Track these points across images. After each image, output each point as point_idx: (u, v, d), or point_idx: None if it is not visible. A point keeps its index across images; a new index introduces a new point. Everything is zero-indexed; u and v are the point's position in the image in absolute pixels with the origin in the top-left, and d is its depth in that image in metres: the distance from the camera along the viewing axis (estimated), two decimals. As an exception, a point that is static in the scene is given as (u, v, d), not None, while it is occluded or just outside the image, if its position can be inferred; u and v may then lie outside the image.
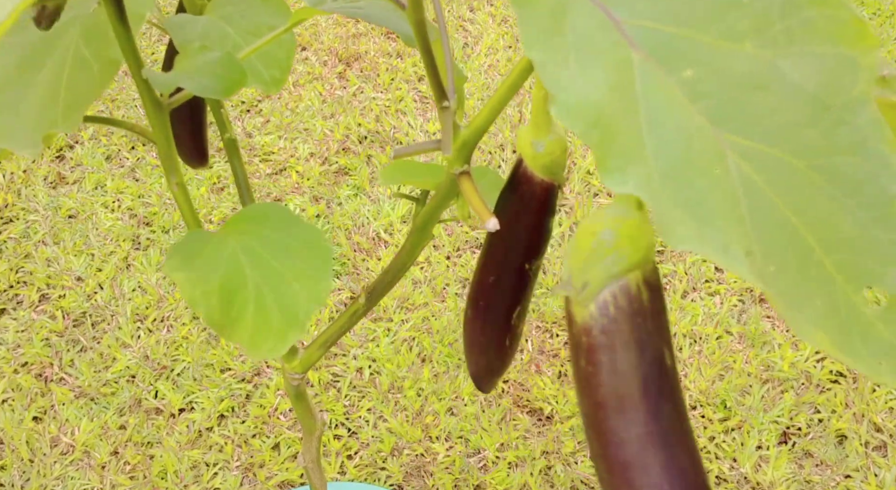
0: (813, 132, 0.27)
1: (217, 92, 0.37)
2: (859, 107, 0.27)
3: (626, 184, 0.26)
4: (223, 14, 0.57)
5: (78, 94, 0.42)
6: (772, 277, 0.26)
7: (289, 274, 0.37)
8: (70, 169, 1.76)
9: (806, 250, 0.27)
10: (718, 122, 0.27)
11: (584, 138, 0.26)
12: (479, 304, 0.45)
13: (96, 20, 0.48)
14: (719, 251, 0.25)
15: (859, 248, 0.27)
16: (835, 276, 0.27)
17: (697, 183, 0.26)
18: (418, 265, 1.56)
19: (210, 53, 0.38)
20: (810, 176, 0.27)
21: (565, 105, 0.26)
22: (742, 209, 0.26)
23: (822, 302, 0.27)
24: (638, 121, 0.26)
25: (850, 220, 0.27)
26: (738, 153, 0.27)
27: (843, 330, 0.27)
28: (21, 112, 0.44)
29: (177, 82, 0.37)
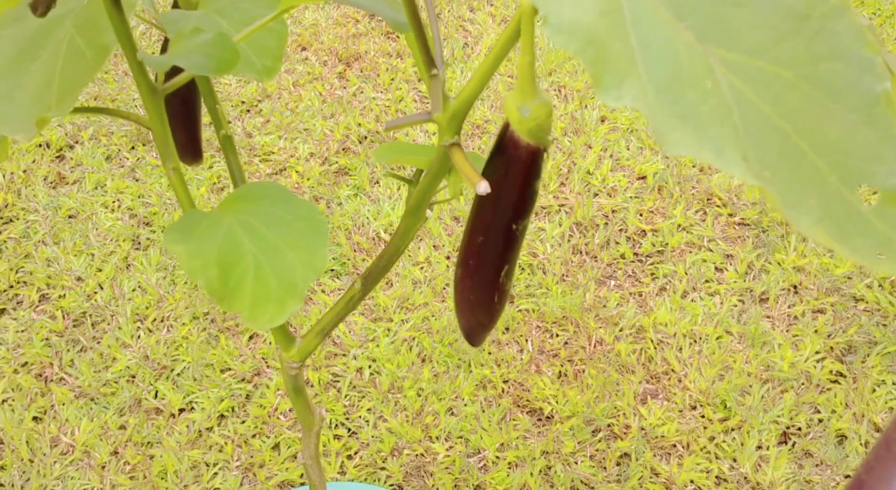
0: (795, 42, 0.28)
1: (210, 70, 0.37)
2: (838, 14, 0.28)
3: (622, 98, 0.27)
4: (216, 7, 0.57)
5: (71, 80, 0.43)
6: (769, 180, 0.27)
7: (285, 245, 0.38)
8: (70, 169, 1.76)
9: (799, 154, 0.28)
10: (704, 38, 0.28)
11: (579, 55, 0.27)
12: (469, 263, 0.46)
13: (90, 10, 0.48)
14: (715, 155, 0.27)
15: (849, 149, 0.28)
16: (829, 177, 0.28)
17: (689, 95, 0.27)
18: (418, 265, 1.56)
19: (203, 34, 0.39)
20: (797, 84, 0.28)
21: (557, 25, 0.27)
22: (735, 118, 0.28)
23: (819, 202, 0.28)
24: (629, 42, 0.28)
25: (839, 123, 0.28)
26: (726, 66, 0.28)
27: (839, 226, 0.28)
28: (17, 99, 0.44)
29: (171, 61, 0.37)
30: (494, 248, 0.45)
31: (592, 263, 1.58)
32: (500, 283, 0.47)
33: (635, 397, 1.38)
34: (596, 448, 1.33)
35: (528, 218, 0.43)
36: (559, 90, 1.93)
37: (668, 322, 1.47)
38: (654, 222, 1.64)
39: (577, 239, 1.61)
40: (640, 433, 1.34)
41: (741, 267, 1.56)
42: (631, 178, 1.73)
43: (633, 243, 1.61)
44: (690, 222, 1.64)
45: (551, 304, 1.49)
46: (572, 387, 1.39)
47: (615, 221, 1.64)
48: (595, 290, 1.53)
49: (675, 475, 1.29)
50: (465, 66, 1.99)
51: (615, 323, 1.48)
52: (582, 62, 0.27)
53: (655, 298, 1.52)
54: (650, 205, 1.67)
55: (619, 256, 1.59)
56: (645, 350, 1.44)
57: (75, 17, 0.49)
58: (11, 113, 0.45)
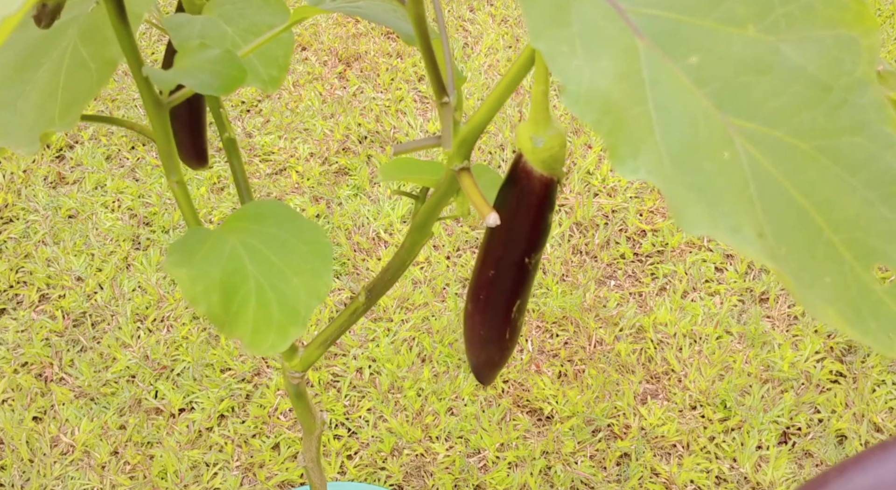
0: (816, 114, 0.27)
1: (216, 89, 0.37)
2: (862, 88, 0.27)
3: (637, 171, 0.26)
4: (221, 13, 0.57)
5: (75, 93, 0.42)
6: (783, 258, 0.26)
7: (289, 270, 0.37)
8: (70, 169, 1.76)
9: (815, 230, 0.27)
10: (724, 106, 0.27)
11: (595, 126, 0.26)
12: (480, 297, 0.45)
13: (94, 20, 0.48)
14: (731, 233, 0.26)
15: (866, 226, 0.27)
16: (844, 255, 0.27)
17: (706, 166, 0.27)
18: (418, 265, 1.56)
19: (209, 51, 0.38)
20: (815, 157, 0.27)
21: (575, 95, 0.27)
22: (751, 191, 0.27)
23: (833, 280, 0.27)
24: (647, 107, 0.27)
25: (857, 200, 0.27)
26: (744, 136, 0.27)
27: (853, 306, 0.27)
28: (19, 110, 0.44)
29: (177, 79, 0.37)
30: (506, 283, 0.44)
31: (592, 263, 1.58)
32: (511, 319, 0.46)
33: (635, 397, 1.38)
34: (596, 448, 1.33)
35: (542, 251, 0.43)
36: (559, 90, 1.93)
37: (668, 322, 1.47)
38: (654, 222, 1.64)
39: (577, 239, 1.61)
40: (640, 433, 1.34)
41: (741, 267, 1.56)
42: (631, 177, 1.73)
43: (633, 243, 1.61)
44: (690, 222, 1.64)
45: (551, 304, 1.49)
46: (572, 387, 1.39)
47: (615, 221, 1.64)
48: (595, 290, 1.53)
49: (675, 475, 1.29)
50: (465, 66, 1.98)
51: (615, 323, 1.48)
52: (598, 133, 0.26)
53: (655, 298, 1.52)
54: (650, 205, 1.67)
55: (619, 256, 1.59)
56: (645, 350, 1.44)
57: (79, 26, 0.49)
58: (14, 125, 0.45)
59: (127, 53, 0.39)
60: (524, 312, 0.47)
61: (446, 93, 0.35)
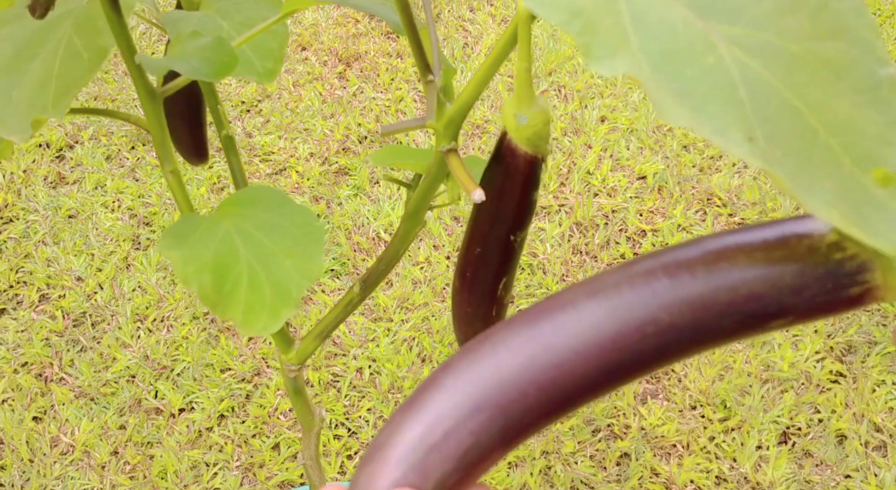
0: (799, 17, 0.27)
1: (208, 74, 0.37)
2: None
3: (616, 68, 0.26)
4: (218, 9, 0.57)
5: (68, 81, 0.43)
6: (778, 160, 0.26)
7: (281, 252, 0.38)
8: (70, 169, 1.76)
9: (811, 132, 0.27)
10: (704, 13, 0.27)
11: (565, 27, 0.26)
12: (466, 275, 0.45)
13: (89, 11, 0.48)
14: (717, 134, 0.26)
15: (861, 129, 0.27)
16: (843, 158, 0.27)
17: (688, 72, 0.26)
18: (418, 265, 1.56)
19: (201, 38, 0.38)
20: (806, 59, 0.27)
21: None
22: (741, 94, 0.26)
23: (832, 183, 0.27)
24: (621, 19, 0.27)
25: (847, 103, 0.27)
26: (730, 41, 0.27)
27: (858, 210, 0.27)
28: (13, 99, 0.44)
29: (168, 65, 0.37)
30: (492, 260, 0.44)
31: (592, 263, 1.57)
32: (498, 296, 0.46)
33: (635, 397, 1.38)
34: (596, 448, 1.33)
35: (527, 229, 0.43)
36: (559, 90, 1.93)
37: (668, 322, 1.47)
38: (654, 222, 1.64)
39: (577, 239, 1.61)
40: (640, 433, 1.34)
41: (741, 267, 1.55)
42: (631, 178, 1.73)
43: (633, 243, 1.61)
44: (690, 222, 1.64)
45: (551, 304, 1.49)
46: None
47: (615, 221, 1.64)
48: (595, 290, 1.53)
49: (675, 475, 1.29)
50: (465, 66, 1.99)
51: (615, 323, 1.47)
52: (569, 34, 0.26)
53: (655, 298, 1.52)
54: (650, 205, 1.67)
55: (619, 256, 1.59)
56: (645, 350, 1.44)
57: (74, 18, 0.49)
58: (8, 113, 0.45)
59: (120, 42, 0.39)
60: (510, 290, 0.47)
61: (431, 72, 0.35)
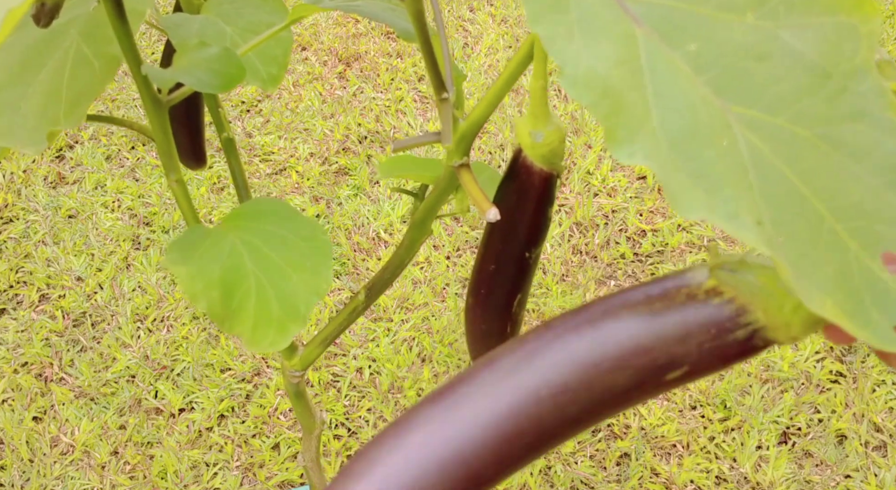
0: (816, 100, 0.27)
1: (215, 87, 0.37)
2: (861, 74, 0.27)
3: (634, 155, 0.26)
4: (220, 12, 0.57)
5: (80, 91, 0.42)
6: (781, 246, 0.26)
7: (289, 267, 0.37)
8: (70, 169, 1.76)
9: (817, 218, 0.27)
10: (723, 93, 0.27)
11: (593, 109, 0.26)
12: (480, 292, 0.45)
13: (96, 19, 0.48)
14: (728, 219, 0.26)
15: (872, 212, 0.27)
16: (849, 243, 0.27)
17: (705, 153, 0.26)
18: (418, 265, 1.56)
19: (208, 49, 0.38)
20: (817, 144, 0.27)
21: (573, 77, 0.27)
22: (751, 178, 0.26)
23: (834, 269, 0.27)
24: (644, 94, 0.27)
25: (861, 187, 0.27)
26: (744, 123, 0.27)
27: (854, 296, 0.27)
28: (23, 110, 0.44)
29: (175, 78, 0.37)
30: (506, 277, 0.44)
31: (592, 263, 1.58)
32: (512, 313, 0.46)
33: (635, 398, 1.38)
34: (596, 448, 1.33)
35: (542, 246, 0.43)
36: (559, 90, 1.93)
37: (668, 322, 1.47)
38: (654, 222, 1.64)
39: (577, 239, 1.61)
40: (640, 433, 1.34)
41: (741, 267, 1.56)
42: (631, 178, 1.73)
43: (633, 243, 1.61)
44: (690, 222, 1.64)
45: (551, 304, 1.49)
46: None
47: (615, 221, 1.64)
48: (595, 290, 1.53)
49: (675, 475, 1.29)
50: (465, 66, 1.98)
51: (615, 323, 1.48)
52: (596, 117, 0.26)
53: (655, 298, 1.52)
54: (650, 205, 1.67)
55: (619, 256, 1.59)
56: (645, 350, 1.44)
57: (81, 26, 0.49)
58: (18, 125, 0.45)
59: (126, 52, 0.39)
60: (524, 306, 0.47)
61: (445, 89, 0.35)
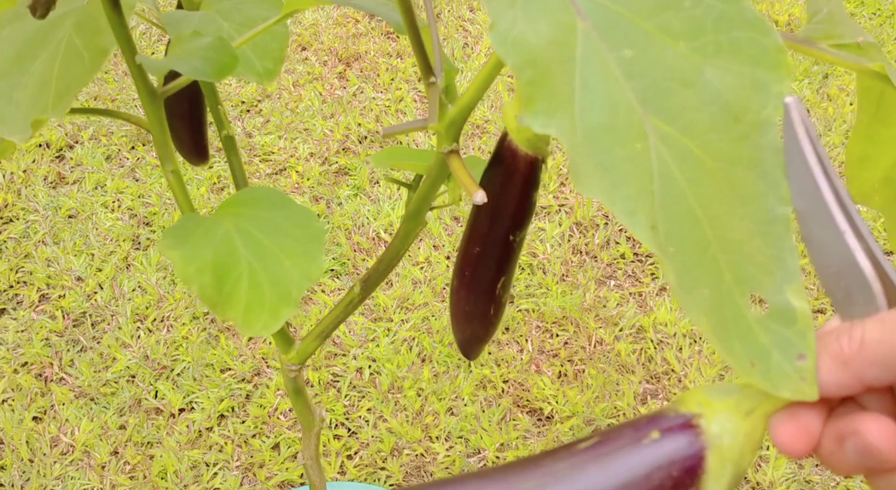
0: (724, 138, 0.29)
1: (208, 74, 0.37)
2: (764, 128, 0.29)
3: (548, 127, 0.28)
4: (219, 9, 0.57)
5: (68, 81, 0.43)
6: (671, 255, 0.28)
7: (281, 252, 0.38)
8: (70, 169, 1.76)
9: (705, 242, 0.28)
10: (647, 103, 0.29)
11: (517, 71, 0.27)
12: (465, 274, 0.46)
13: (90, 11, 0.48)
14: (626, 215, 0.28)
15: (747, 253, 0.29)
16: (725, 274, 0.29)
17: (616, 151, 0.28)
18: (418, 265, 1.56)
19: (202, 38, 0.38)
20: (717, 176, 0.29)
21: (503, 35, 0.28)
22: (654, 186, 0.28)
23: (711, 293, 0.28)
24: (572, 81, 0.28)
25: (743, 228, 0.29)
26: (660, 136, 0.29)
27: (723, 324, 0.28)
28: (14, 100, 0.44)
29: (169, 65, 0.37)
30: (491, 259, 0.44)
31: (592, 263, 1.58)
32: (496, 295, 0.46)
33: (635, 397, 1.38)
34: (596, 448, 1.32)
35: (526, 229, 0.43)
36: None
37: (668, 322, 1.47)
38: (655, 222, 1.64)
39: (577, 239, 1.61)
40: (640, 433, 1.34)
41: (741, 267, 1.55)
42: (631, 177, 1.73)
43: (633, 243, 1.61)
44: (690, 222, 1.64)
45: (551, 303, 1.49)
46: (572, 387, 1.39)
47: (615, 221, 1.64)
48: (595, 290, 1.53)
49: (676, 475, 1.29)
50: (465, 65, 1.99)
51: (615, 323, 1.48)
52: (518, 80, 0.27)
53: (655, 298, 1.52)
54: (650, 204, 1.67)
55: (619, 256, 1.59)
56: (645, 350, 1.44)
57: (75, 18, 0.49)
58: (9, 114, 0.45)
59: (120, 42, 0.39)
60: (509, 289, 0.47)
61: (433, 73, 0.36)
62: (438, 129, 0.38)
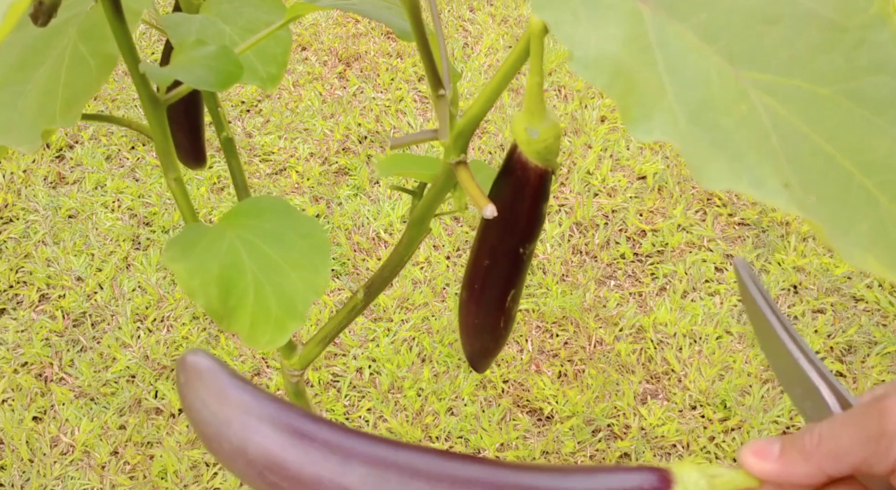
0: (834, 56, 0.27)
1: (213, 84, 0.37)
2: (879, 24, 0.26)
3: (652, 132, 0.26)
4: (219, 12, 0.57)
5: (76, 90, 0.42)
6: (813, 206, 0.26)
7: (287, 265, 0.38)
8: (70, 169, 1.76)
9: (845, 176, 0.26)
10: (736, 60, 0.27)
11: (608, 90, 0.26)
12: (475, 287, 0.45)
13: (93, 18, 0.48)
14: (755, 185, 0.26)
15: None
16: (879, 198, 0.26)
17: (723, 121, 0.26)
18: (418, 265, 1.56)
19: (206, 47, 0.38)
20: (838, 101, 0.26)
21: (584, 60, 0.26)
22: (773, 142, 0.26)
23: (869, 225, 0.26)
24: (657, 70, 0.27)
25: (887, 140, 0.26)
26: (760, 88, 0.27)
27: (892, 250, 0.26)
28: (20, 108, 0.44)
29: (173, 75, 0.37)
30: (501, 272, 0.44)
31: (592, 263, 1.58)
32: (506, 308, 0.46)
33: (635, 397, 1.38)
34: (596, 448, 1.33)
35: (536, 241, 0.43)
36: (559, 90, 1.93)
37: (668, 322, 1.47)
38: (654, 222, 1.64)
39: (577, 239, 1.61)
40: (640, 433, 1.34)
41: (741, 267, 1.55)
42: (631, 178, 1.73)
43: (633, 243, 1.61)
44: (690, 222, 1.64)
45: (551, 304, 1.49)
46: (572, 387, 1.39)
47: (615, 221, 1.64)
48: (595, 290, 1.53)
49: (675, 476, 1.29)
50: (464, 66, 1.98)
51: (615, 323, 1.48)
52: (611, 98, 0.26)
53: (655, 298, 1.52)
54: (650, 205, 1.67)
55: (619, 256, 1.59)
56: (645, 350, 1.44)
57: (79, 25, 0.49)
58: (14, 123, 0.45)
59: (123, 50, 0.39)
60: (518, 301, 0.47)
61: (442, 85, 0.35)
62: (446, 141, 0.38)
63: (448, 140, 0.37)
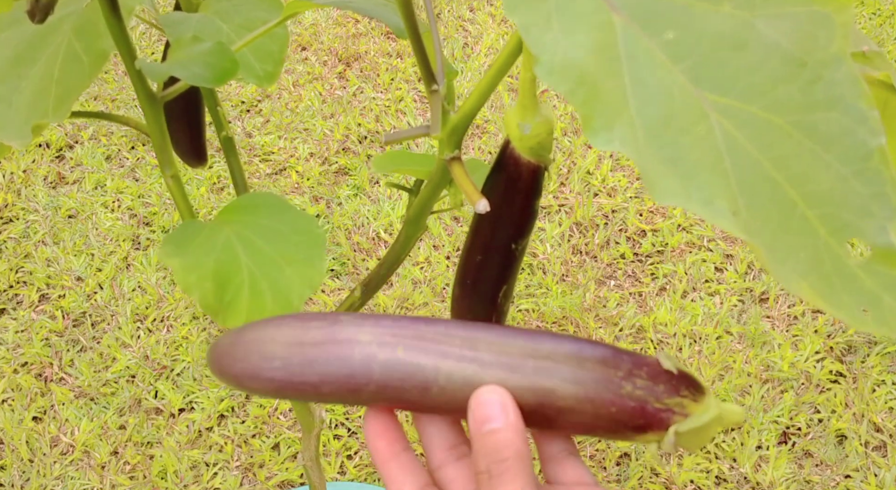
0: (791, 89, 0.27)
1: (209, 80, 0.37)
2: (836, 63, 0.27)
3: (611, 142, 0.27)
4: (217, 10, 0.57)
5: (68, 86, 0.43)
6: (757, 230, 0.27)
7: (282, 259, 0.38)
8: (70, 169, 1.76)
9: (789, 204, 0.27)
10: (699, 81, 0.27)
11: (570, 97, 0.27)
12: (466, 282, 0.45)
13: (88, 15, 0.48)
14: (704, 205, 0.26)
15: (840, 201, 0.27)
16: (818, 229, 0.27)
17: (681, 140, 0.27)
18: (418, 265, 1.56)
19: (202, 44, 0.38)
20: (790, 132, 0.27)
21: (549, 65, 0.27)
22: (726, 165, 0.27)
23: (807, 254, 0.27)
24: (622, 81, 0.27)
25: (831, 175, 0.27)
26: (719, 111, 0.27)
27: (827, 281, 0.27)
28: (14, 104, 0.44)
29: (169, 71, 0.37)
30: (493, 268, 0.44)
31: (592, 263, 1.58)
32: (498, 304, 0.46)
33: (635, 397, 1.38)
34: (596, 448, 1.33)
35: (529, 237, 0.43)
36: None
37: (668, 322, 1.47)
38: (654, 222, 1.64)
39: (577, 239, 1.61)
40: (639, 433, 1.34)
41: (741, 267, 1.55)
42: (631, 177, 1.73)
43: (633, 243, 1.61)
44: (690, 222, 1.64)
45: (551, 304, 1.49)
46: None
47: (615, 221, 1.64)
48: (595, 290, 1.53)
49: (675, 475, 1.29)
50: (464, 66, 1.98)
51: (615, 323, 1.48)
52: (572, 104, 0.26)
53: (655, 298, 1.52)
54: (650, 205, 1.67)
55: (619, 256, 1.59)
56: (645, 350, 1.44)
57: (74, 22, 0.49)
58: (8, 118, 0.45)
59: (119, 46, 0.39)
60: (510, 298, 0.47)
61: (435, 81, 0.35)
62: (440, 136, 0.38)
63: (442, 135, 0.37)
